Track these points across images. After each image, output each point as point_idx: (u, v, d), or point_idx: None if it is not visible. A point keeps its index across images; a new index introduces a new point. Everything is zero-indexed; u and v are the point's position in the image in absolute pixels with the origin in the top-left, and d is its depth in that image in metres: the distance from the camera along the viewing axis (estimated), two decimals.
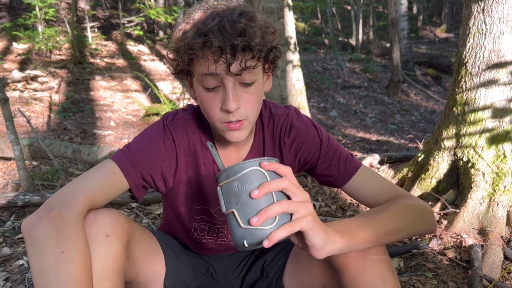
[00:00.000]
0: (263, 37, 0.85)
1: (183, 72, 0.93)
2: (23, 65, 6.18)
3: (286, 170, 0.73)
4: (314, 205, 2.40)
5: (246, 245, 0.71)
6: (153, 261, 1.03)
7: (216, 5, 0.87)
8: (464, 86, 2.17)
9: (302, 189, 0.74)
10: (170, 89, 6.31)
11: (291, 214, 0.71)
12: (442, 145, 2.25)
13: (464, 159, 2.14)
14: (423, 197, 2.23)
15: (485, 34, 2.07)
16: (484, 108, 2.10)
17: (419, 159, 2.42)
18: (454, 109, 2.22)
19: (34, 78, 5.44)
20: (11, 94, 4.80)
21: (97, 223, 0.82)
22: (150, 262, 1.02)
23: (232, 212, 0.72)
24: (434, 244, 1.85)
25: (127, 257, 0.88)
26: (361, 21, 12.00)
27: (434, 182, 2.25)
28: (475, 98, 2.12)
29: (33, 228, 0.78)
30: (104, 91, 5.85)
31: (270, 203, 0.70)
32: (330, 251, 0.75)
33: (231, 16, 0.82)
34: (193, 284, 1.13)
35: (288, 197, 0.73)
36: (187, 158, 1.01)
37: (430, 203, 2.18)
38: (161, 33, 10.04)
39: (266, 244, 0.69)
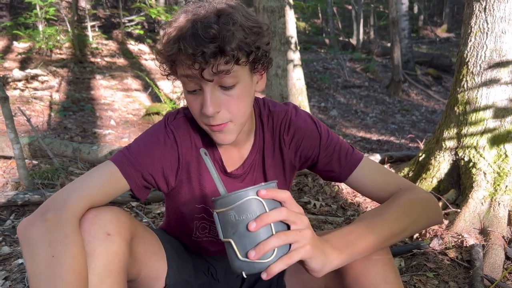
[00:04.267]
0: (245, 39, 0.83)
1: (170, 74, 0.94)
2: (23, 64, 6.17)
3: (285, 196, 0.71)
4: (314, 205, 2.40)
5: (244, 275, 0.70)
6: (155, 259, 1.03)
7: (202, 6, 0.86)
8: (465, 86, 2.17)
9: (301, 215, 0.72)
10: (171, 88, 6.30)
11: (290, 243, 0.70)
12: (443, 144, 2.25)
13: (466, 159, 2.13)
14: None
15: (486, 33, 2.07)
16: (485, 107, 2.09)
17: (420, 158, 2.42)
18: (456, 108, 2.21)
19: (34, 77, 5.43)
20: (12, 93, 4.79)
21: (97, 221, 0.82)
22: (152, 260, 1.02)
23: (229, 242, 0.70)
24: (435, 244, 1.84)
25: (129, 255, 0.87)
26: (361, 20, 11.98)
27: (435, 182, 2.24)
28: (477, 98, 2.12)
29: (27, 230, 0.79)
30: (104, 90, 5.84)
31: (268, 235, 0.69)
32: (328, 270, 0.75)
33: (207, 20, 0.81)
34: (194, 283, 1.12)
35: (288, 225, 0.72)
36: (189, 157, 1.00)
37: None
38: (161, 32, 10.02)
39: (265, 277, 0.68)
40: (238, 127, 0.92)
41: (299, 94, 3.77)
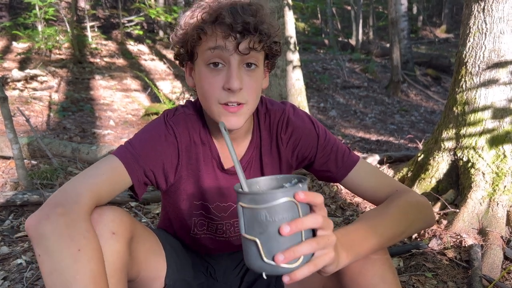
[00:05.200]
0: (271, 25, 0.88)
1: (186, 54, 0.93)
2: (23, 64, 6.17)
3: (319, 201, 0.68)
4: None
5: (264, 276, 0.68)
6: (154, 259, 1.03)
7: None
8: (464, 86, 2.17)
9: (328, 220, 0.70)
10: (170, 88, 6.31)
11: None
12: (442, 145, 2.25)
13: (464, 159, 2.13)
14: None
15: (485, 34, 2.07)
16: (484, 108, 2.10)
17: (419, 159, 2.42)
18: (454, 109, 2.22)
19: (33, 77, 5.43)
20: (11, 93, 4.79)
21: (102, 220, 0.82)
22: (152, 260, 1.02)
23: (254, 241, 0.66)
24: (434, 244, 1.84)
25: (129, 254, 0.87)
26: (361, 21, 11.99)
27: (434, 182, 2.24)
28: (475, 98, 2.12)
29: (40, 226, 0.75)
30: (103, 90, 5.84)
31: (298, 241, 0.66)
32: (336, 270, 0.75)
33: (241, 2, 0.87)
34: (193, 283, 1.12)
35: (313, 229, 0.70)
36: (188, 153, 1.00)
37: (430, 203, 2.18)
38: (161, 33, 10.03)
39: (287, 280, 0.67)
40: (248, 113, 0.92)
41: (298, 95, 3.77)
